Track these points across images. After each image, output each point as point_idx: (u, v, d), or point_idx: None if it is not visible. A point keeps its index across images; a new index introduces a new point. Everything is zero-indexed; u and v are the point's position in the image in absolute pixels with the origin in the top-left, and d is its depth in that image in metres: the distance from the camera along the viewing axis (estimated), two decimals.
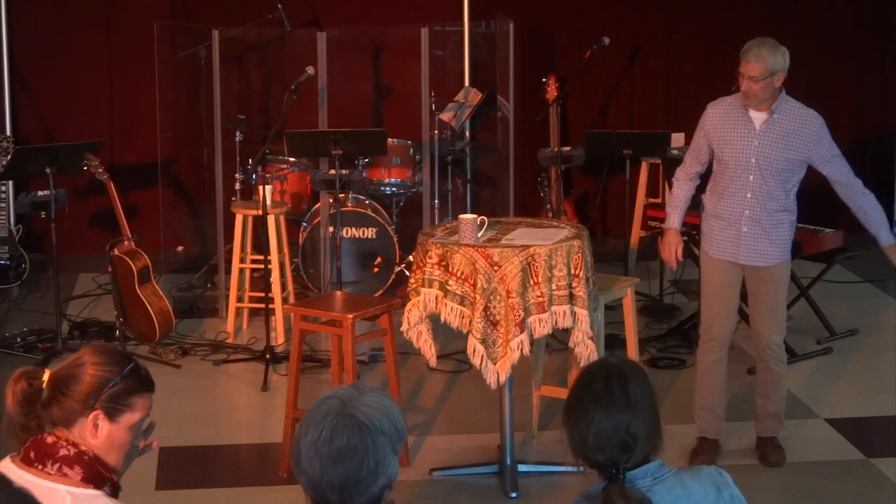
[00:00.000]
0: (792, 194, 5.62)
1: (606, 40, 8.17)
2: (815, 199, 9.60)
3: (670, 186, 7.86)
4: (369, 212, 7.92)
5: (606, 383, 2.85)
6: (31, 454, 2.85)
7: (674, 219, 5.80)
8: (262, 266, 7.29)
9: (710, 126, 5.63)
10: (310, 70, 7.14)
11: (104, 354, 2.92)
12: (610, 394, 2.83)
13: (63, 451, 2.84)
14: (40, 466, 2.83)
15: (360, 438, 2.52)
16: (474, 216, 5.34)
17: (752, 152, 5.51)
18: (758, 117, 5.53)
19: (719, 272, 5.68)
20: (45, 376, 2.90)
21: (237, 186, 8.12)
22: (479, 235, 5.32)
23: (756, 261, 5.61)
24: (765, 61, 5.43)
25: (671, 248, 5.76)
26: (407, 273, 7.43)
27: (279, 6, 8.44)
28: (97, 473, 2.86)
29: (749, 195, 5.53)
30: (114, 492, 2.91)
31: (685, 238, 7.59)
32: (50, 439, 2.86)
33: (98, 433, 2.87)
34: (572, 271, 5.24)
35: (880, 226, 5.69)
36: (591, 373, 2.92)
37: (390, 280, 7.94)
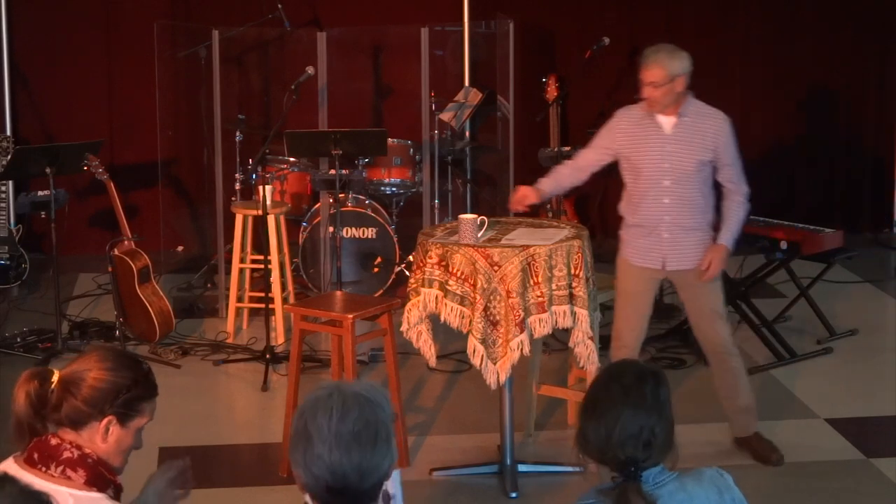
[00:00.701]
0: (709, 193, 5.58)
1: (606, 40, 8.17)
2: (814, 199, 9.66)
3: None
4: (369, 212, 7.92)
5: (639, 381, 2.86)
6: (35, 455, 2.85)
7: (542, 182, 5.70)
8: (262, 266, 7.29)
9: (620, 135, 5.56)
10: (310, 70, 7.14)
11: (116, 359, 2.92)
12: (641, 392, 2.84)
13: (67, 454, 2.84)
14: (44, 468, 2.83)
15: (371, 410, 2.52)
16: (474, 216, 5.34)
17: (665, 157, 5.47)
18: (667, 122, 5.49)
19: (636, 280, 5.62)
20: (55, 378, 2.90)
21: (237, 186, 8.11)
22: (479, 235, 5.32)
23: (683, 265, 5.56)
24: (664, 66, 5.39)
25: (522, 192, 5.62)
26: (407, 273, 7.43)
27: (279, 6, 8.44)
28: (100, 476, 2.86)
29: (667, 200, 5.49)
30: (117, 494, 2.91)
31: None
32: (53, 441, 2.86)
33: (108, 438, 2.88)
34: (572, 271, 5.24)
35: (733, 229, 5.58)
36: (621, 369, 2.94)
37: (390, 280, 7.94)
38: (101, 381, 2.86)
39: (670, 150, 5.46)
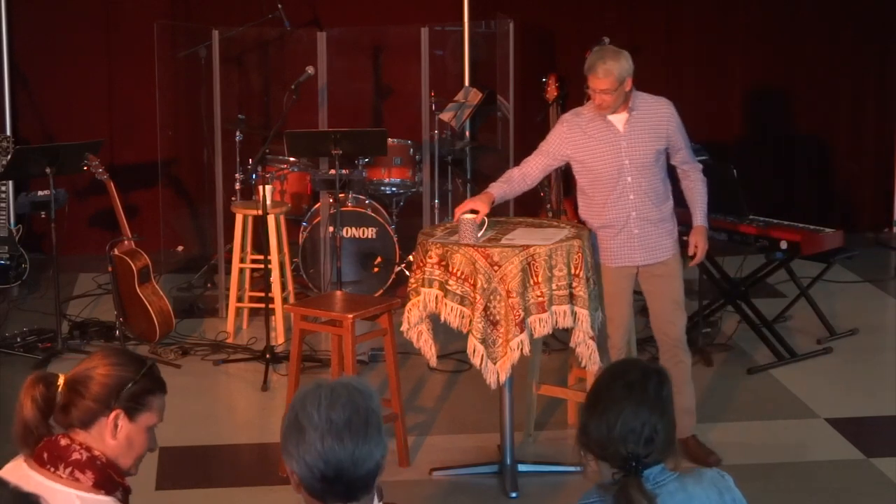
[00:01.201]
0: (666, 180, 5.62)
1: (606, 40, 8.15)
2: (814, 199, 9.65)
3: None
4: (369, 212, 7.92)
5: (642, 378, 2.87)
6: (44, 455, 2.85)
7: (493, 187, 5.58)
8: (262, 266, 7.30)
9: (572, 140, 5.52)
10: (310, 70, 7.14)
11: (119, 356, 2.94)
12: (645, 389, 2.85)
13: (76, 455, 2.84)
14: (52, 469, 2.83)
15: (360, 397, 2.54)
16: (474, 216, 5.34)
17: (623, 154, 5.48)
18: (618, 119, 5.50)
19: (615, 282, 5.60)
20: (61, 380, 2.90)
21: (237, 186, 8.11)
22: (480, 235, 5.32)
23: (653, 258, 5.58)
24: (612, 72, 5.37)
25: (470, 205, 5.44)
26: (407, 273, 7.43)
27: (279, 6, 8.44)
28: (109, 479, 2.86)
29: (632, 196, 5.50)
30: (125, 497, 2.91)
31: (684, 238, 7.59)
32: (63, 442, 2.86)
33: (118, 433, 2.88)
34: (572, 271, 5.24)
35: (704, 207, 5.69)
36: (625, 367, 2.95)
37: (390, 280, 7.94)
38: (107, 376, 2.87)
39: (627, 147, 5.48)
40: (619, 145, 5.49)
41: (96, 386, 2.86)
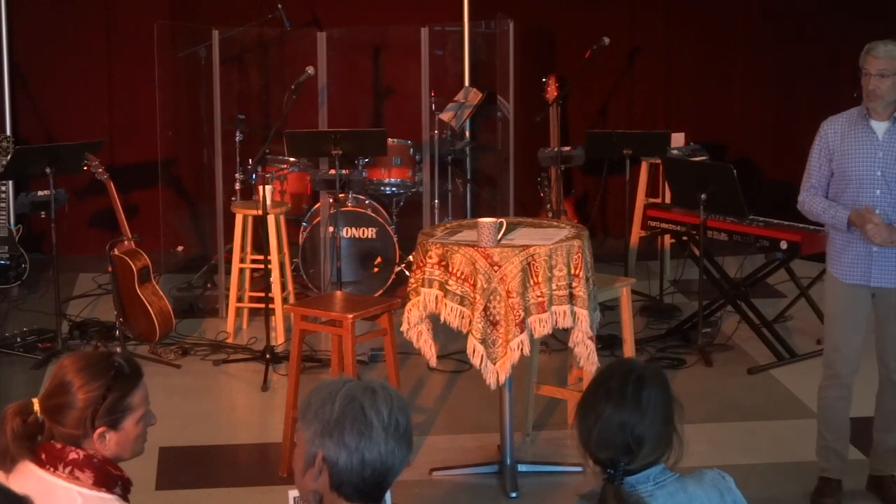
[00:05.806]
0: None
1: (606, 40, 8.17)
2: None
3: (670, 187, 7.87)
4: (369, 212, 7.93)
5: (622, 383, 2.85)
6: (43, 456, 2.87)
7: (842, 211, 5.13)
8: (262, 266, 7.30)
9: (832, 142, 5.16)
10: (310, 70, 7.14)
11: (85, 371, 2.89)
12: (623, 393, 2.83)
13: (72, 455, 2.86)
14: (52, 469, 2.85)
15: (405, 404, 2.57)
16: (493, 220, 5.31)
17: (877, 164, 5.10)
18: (879, 127, 5.11)
19: (849, 300, 5.22)
20: (36, 407, 2.89)
21: (237, 186, 8.12)
22: (499, 238, 5.29)
23: (887, 282, 5.16)
24: (894, 57, 5.00)
25: (873, 221, 5.03)
26: (407, 273, 7.43)
27: (279, 6, 8.45)
28: (108, 475, 2.89)
29: (877, 211, 5.09)
30: (125, 489, 2.92)
31: (684, 238, 7.60)
32: (58, 444, 2.88)
33: (107, 444, 2.89)
34: (572, 271, 5.24)
35: None
36: (611, 371, 2.94)
37: (390, 280, 7.94)
38: (80, 400, 2.85)
39: (882, 158, 5.09)
40: (876, 154, 5.10)
41: (71, 414, 2.86)
